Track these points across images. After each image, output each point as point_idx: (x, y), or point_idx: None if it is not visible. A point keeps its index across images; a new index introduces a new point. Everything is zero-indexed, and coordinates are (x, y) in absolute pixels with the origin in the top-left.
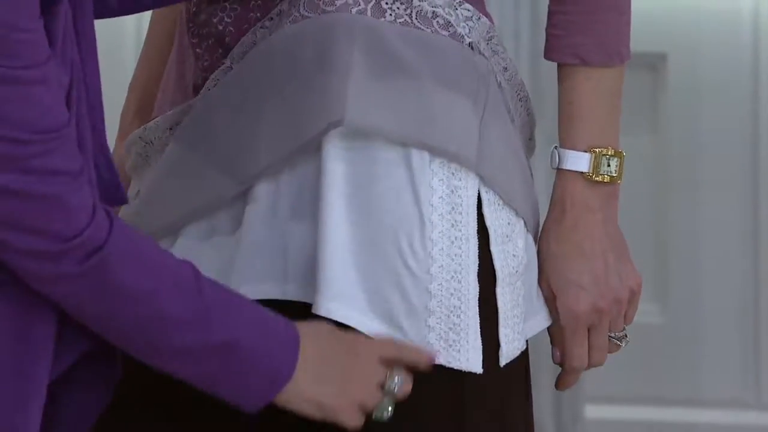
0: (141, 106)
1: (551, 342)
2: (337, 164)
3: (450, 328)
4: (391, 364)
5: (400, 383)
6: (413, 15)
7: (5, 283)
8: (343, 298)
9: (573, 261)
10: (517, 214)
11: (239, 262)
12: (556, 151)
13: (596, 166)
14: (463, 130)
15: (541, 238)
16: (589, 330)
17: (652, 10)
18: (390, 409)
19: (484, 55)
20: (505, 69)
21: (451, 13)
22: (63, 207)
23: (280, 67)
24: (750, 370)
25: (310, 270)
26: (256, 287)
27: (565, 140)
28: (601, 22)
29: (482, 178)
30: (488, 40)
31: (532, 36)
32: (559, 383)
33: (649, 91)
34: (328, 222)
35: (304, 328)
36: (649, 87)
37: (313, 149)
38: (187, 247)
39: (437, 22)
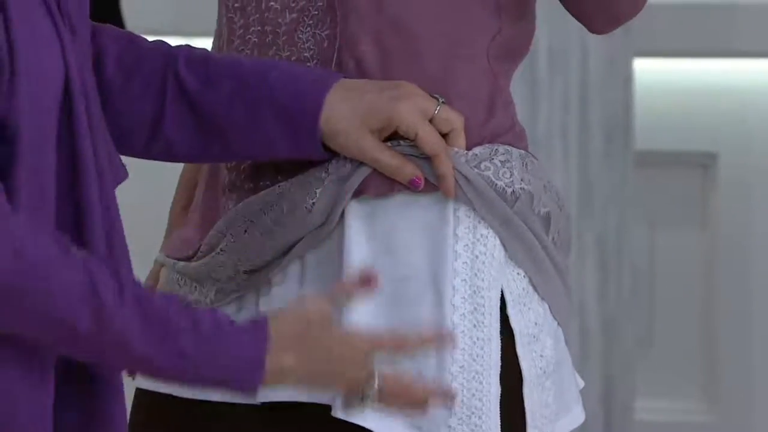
0: (190, 202)
1: None
2: (358, 259)
3: (472, 430)
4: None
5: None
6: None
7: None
8: None
9: None
10: (545, 313)
11: None
12: None
13: None
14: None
15: None
16: None
17: (703, 110)
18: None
19: (517, 196)
20: (545, 187)
21: (489, 166)
22: None
23: None
24: None
25: None
26: (282, 391)
27: None
28: None
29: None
30: (525, 166)
31: (579, 134)
32: None
33: (699, 188)
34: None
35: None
36: (699, 185)
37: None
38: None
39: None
